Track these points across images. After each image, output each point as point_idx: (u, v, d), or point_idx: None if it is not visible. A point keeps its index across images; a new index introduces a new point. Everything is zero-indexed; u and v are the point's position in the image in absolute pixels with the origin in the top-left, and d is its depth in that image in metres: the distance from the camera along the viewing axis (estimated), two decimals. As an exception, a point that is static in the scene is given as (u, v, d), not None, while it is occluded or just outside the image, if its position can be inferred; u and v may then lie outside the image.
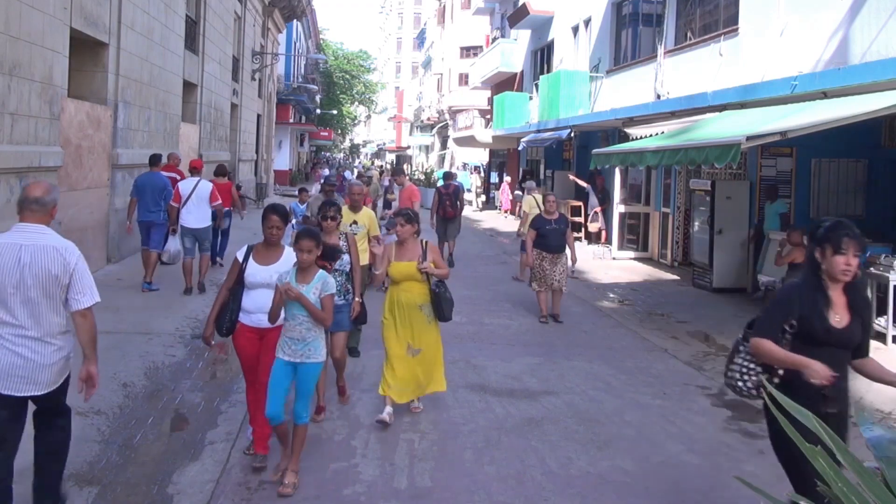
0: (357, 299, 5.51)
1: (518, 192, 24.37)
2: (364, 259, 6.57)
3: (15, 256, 3.43)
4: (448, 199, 12.62)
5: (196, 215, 9.24)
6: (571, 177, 17.69)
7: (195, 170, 10.18)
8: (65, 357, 3.59)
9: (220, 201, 9.87)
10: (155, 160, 9.79)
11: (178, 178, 10.11)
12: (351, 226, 6.62)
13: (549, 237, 8.83)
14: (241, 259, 4.56)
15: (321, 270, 4.33)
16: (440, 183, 15.36)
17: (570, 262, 9.25)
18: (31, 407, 3.60)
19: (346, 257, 5.46)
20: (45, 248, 3.47)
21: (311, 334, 4.27)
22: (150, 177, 9.48)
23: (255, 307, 4.49)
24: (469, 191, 28.88)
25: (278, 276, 4.30)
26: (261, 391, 4.45)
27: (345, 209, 6.58)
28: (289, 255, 4.50)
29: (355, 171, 36.54)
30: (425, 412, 5.65)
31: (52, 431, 3.70)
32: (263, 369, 4.44)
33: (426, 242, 5.51)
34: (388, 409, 5.31)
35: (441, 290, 5.38)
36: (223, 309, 4.55)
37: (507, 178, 26.36)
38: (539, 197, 14.87)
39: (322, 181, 10.75)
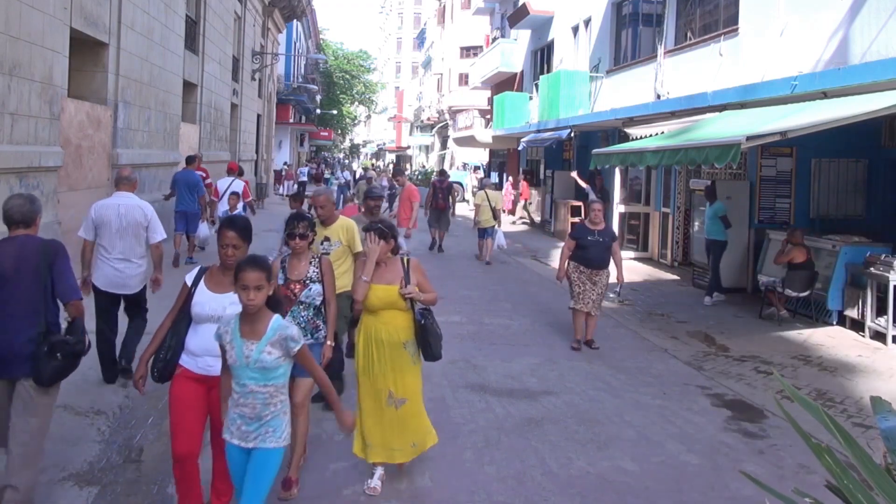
0: (329, 343, 4.35)
1: (518, 192, 24.41)
2: (345, 283, 5.20)
3: (115, 212, 5.83)
4: (441, 192, 14.21)
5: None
6: (573, 175, 17.68)
7: (231, 171, 12.68)
8: (143, 271, 5.97)
9: (251, 197, 12.19)
10: (191, 160, 11.86)
11: (204, 175, 12.02)
12: (322, 244, 5.37)
13: (590, 250, 7.64)
14: (189, 283, 3.61)
15: (276, 316, 3.18)
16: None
17: (617, 282, 8.02)
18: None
19: (315, 287, 4.34)
20: (133, 206, 5.93)
21: (271, 410, 3.13)
22: (186, 174, 11.33)
23: (203, 348, 3.50)
24: (464, 187, 29.00)
25: (218, 328, 3.22)
26: (218, 457, 3.60)
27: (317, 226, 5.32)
28: None
29: (358, 171, 36.27)
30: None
31: (136, 319, 6.09)
32: (218, 431, 3.45)
33: (408, 260, 4.40)
34: (378, 471, 4.31)
35: (428, 320, 4.29)
36: (162, 346, 3.60)
37: (508, 179, 26.39)
38: (492, 193, 14.87)
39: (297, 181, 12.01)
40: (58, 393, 3.86)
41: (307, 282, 4.33)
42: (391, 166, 42.85)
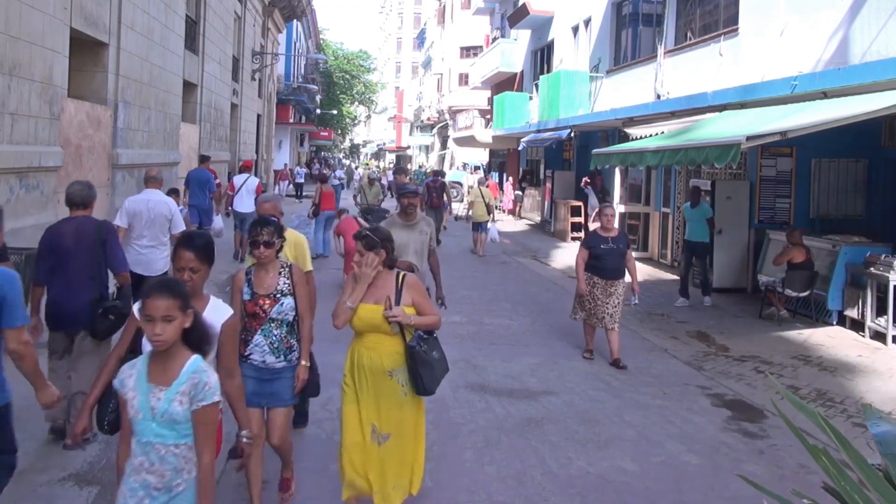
0: (304, 362, 3.86)
1: (518, 193, 24.43)
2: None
3: (145, 206, 6.61)
4: (434, 191, 14.76)
5: (245, 203, 11.96)
6: (586, 181, 17.43)
7: (247, 168, 13.69)
8: (166, 255, 6.49)
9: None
10: (203, 159, 13.01)
11: (215, 178, 12.78)
12: None
13: (604, 259, 7.08)
14: (138, 314, 2.75)
15: (195, 357, 2.58)
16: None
17: (632, 292, 7.33)
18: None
19: (287, 301, 3.80)
20: (160, 201, 6.76)
21: (184, 477, 2.52)
22: (198, 172, 12.12)
23: None
24: (461, 185, 29.06)
25: (121, 370, 2.63)
26: None
27: None
28: (215, 311, 3.10)
29: (359, 171, 35.64)
30: (425, 412, 5.64)
31: None
32: None
33: (403, 276, 3.76)
34: None
35: (421, 347, 3.65)
36: (108, 391, 2.96)
37: (508, 179, 26.41)
38: (486, 190, 15.77)
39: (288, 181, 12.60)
40: (109, 345, 4.63)
41: (277, 296, 3.79)
42: (392, 166, 42.91)
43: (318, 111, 48.48)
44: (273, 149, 32.75)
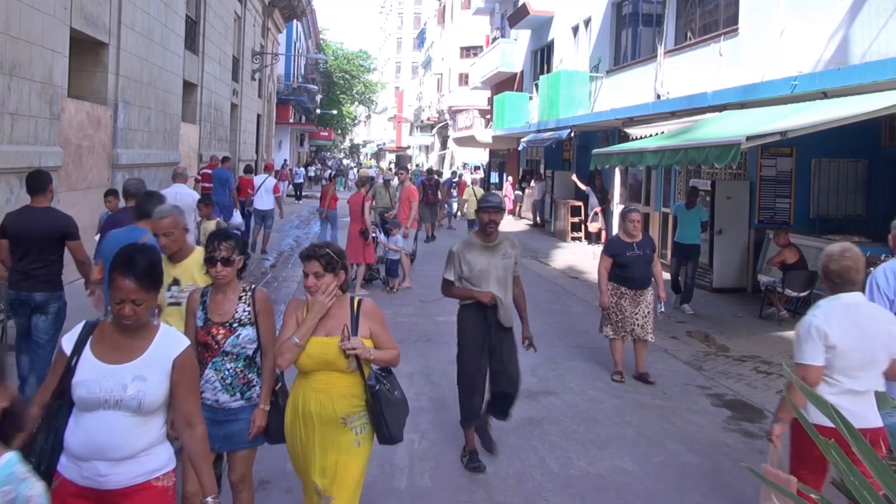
0: (262, 406, 3.28)
1: (518, 192, 24.44)
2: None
3: (174, 197, 7.00)
4: (430, 189, 15.77)
5: (263, 200, 13.33)
6: (573, 178, 17.68)
7: (267, 169, 15.85)
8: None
9: (280, 193, 14.32)
10: (225, 160, 14.09)
11: (231, 173, 13.69)
12: (169, 289, 3.71)
13: (631, 267, 6.52)
14: (67, 349, 2.48)
15: (8, 456, 1.83)
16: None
17: (658, 301, 6.84)
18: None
19: (246, 332, 3.27)
20: (185, 193, 8.24)
21: None
22: (219, 171, 13.17)
23: (91, 448, 2.40)
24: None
25: (135, 390, 2.42)
26: None
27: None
28: (164, 343, 2.54)
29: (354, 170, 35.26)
30: (425, 412, 5.65)
31: None
32: None
33: (359, 302, 3.24)
34: None
35: (383, 387, 3.15)
36: (32, 445, 2.41)
37: (508, 178, 26.45)
38: (479, 189, 16.39)
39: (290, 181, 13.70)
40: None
41: (234, 325, 3.25)
42: (392, 166, 42.97)
43: (318, 111, 48.48)
44: (273, 149, 32.74)
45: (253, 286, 3.42)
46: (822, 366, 3.27)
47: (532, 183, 22.94)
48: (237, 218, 12.75)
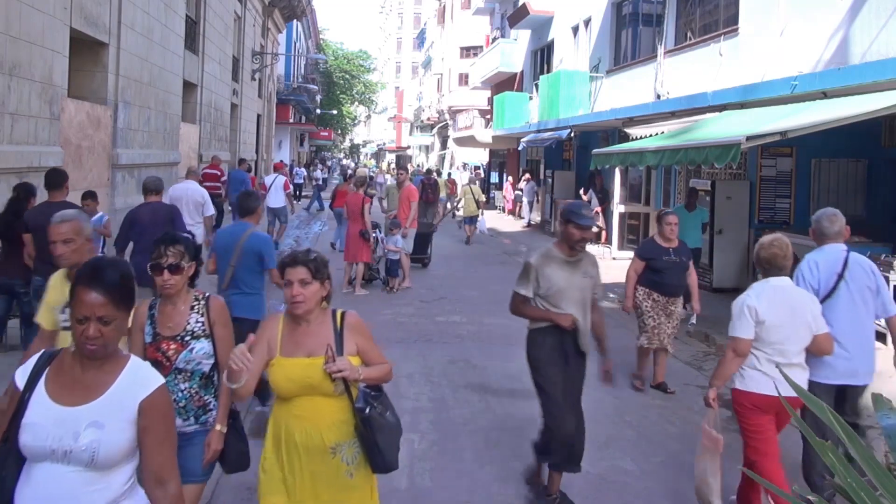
0: (218, 427, 3.00)
1: (518, 192, 24.44)
2: None
3: (184, 193, 8.72)
4: (429, 188, 16.07)
5: (275, 198, 13.89)
6: (583, 196, 17.34)
7: (278, 169, 16.61)
8: (202, 232, 8.42)
9: (290, 190, 15.00)
10: (241, 161, 16.04)
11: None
12: (64, 310, 3.16)
13: (666, 273, 6.23)
14: (20, 382, 2.08)
15: None
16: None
17: (692, 311, 6.70)
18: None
19: (200, 346, 2.99)
20: (195, 190, 8.94)
21: None
22: (237, 172, 14.66)
23: None
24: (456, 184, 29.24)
25: (88, 439, 1.97)
26: None
27: (57, 278, 3.40)
28: (130, 380, 2.10)
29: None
30: (425, 412, 5.65)
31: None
32: None
33: (342, 315, 2.89)
34: None
35: (374, 410, 2.79)
36: None
37: (508, 178, 26.48)
38: (476, 188, 17.34)
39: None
40: None
41: (186, 338, 2.96)
42: (392, 165, 43.05)
43: (318, 111, 48.46)
44: (273, 149, 32.74)
45: (207, 294, 3.09)
46: (751, 339, 3.68)
47: (520, 183, 23.02)
48: None
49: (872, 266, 4.27)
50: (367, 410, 2.75)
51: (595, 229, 17.41)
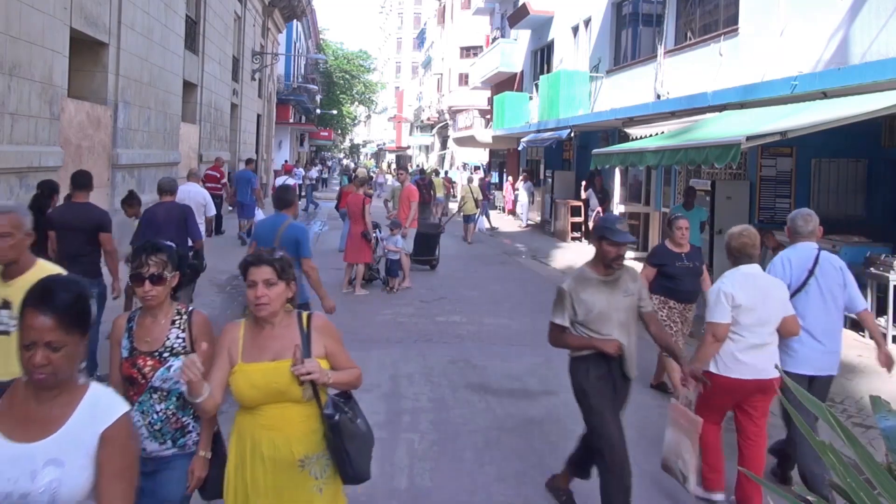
0: (202, 453, 2.77)
1: (516, 192, 24.45)
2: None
3: (187, 194, 8.76)
4: (424, 188, 16.16)
5: None
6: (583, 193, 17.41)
7: (287, 171, 18.75)
8: (203, 230, 8.56)
9: (316, 191, 15.82)
10: (249, 161, 16.30)
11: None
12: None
13: (680, 280, 6.05)
14: None
15: None
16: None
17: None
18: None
19: (178, 363, 2.66)
20: (196, 191, 9.33)
21: None
22: (243, 172, 15.01)
23: None
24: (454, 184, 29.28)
25: (47, 479, 1.77)
26: None
27: None
28: (91, 410, 1.90)
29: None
30: (425, 412, 5.65)
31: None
32: None
33: (309, 316, 2.74)
34: None
35: (343, 416, 2.62)
36: None
37: (508, 178, 26.50)
38: (475, 187, 17.84)
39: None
40: (192, 290, 6.47)
41: (165, 354, 2.72)
42: (392, 165, 43.16)
43: (318, 111, 48.46)
44: (273, 149, 32.74)
45: (190, 308, 2.86)
46: (729, 323, 3.97)
47: (517, 184, 23.04)
48: (259, 215, 14.09)
49: (842, 264, 4.58)
50: (337, 417, 2.58)
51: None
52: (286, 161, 34.94)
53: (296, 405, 2.60)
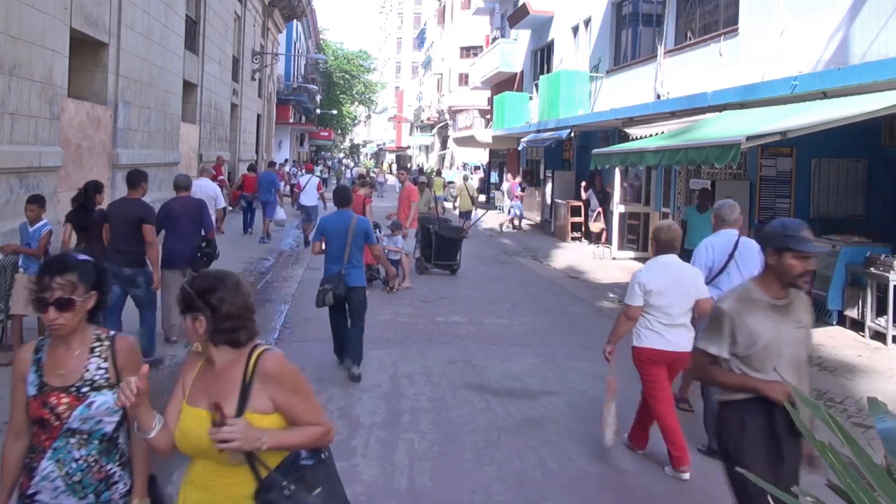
0: (136, 501, 2.35)
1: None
2: None
3: (198, 188, 9.56)
4: (418, 188, 16.94)
5: (308, 197, 15.06)
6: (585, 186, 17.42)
7: (309, 171, 19.93)
8: (214, 218, 9.24)
9: (324, 189, 15.78)
10: (272, 164, 18.41)
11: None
12: None
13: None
14: None
15: None
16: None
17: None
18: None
19: (102, 399, 2.27)
20: (207, 185, 10.80)
21: None
22: (267, 173, 16.01)
23: None
24: (454, 183, 29.30)
25: None
26: None
27: None
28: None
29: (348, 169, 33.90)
30: (425, 412, 5.65)
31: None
32: None
33: (259, 355, 2.13)
34: None
35: (285, 488, 2.06)
36: None
37: (508, 178, 26.49)
38: (470, 185, 18.45)
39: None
40: None
41: (84, 389, 2.27)
42: (392, 166, 43.21)
43: (318, 111, 48.47)
44: (273, 149, 32.74)
45: (112, 333, 2.39)
46: (640, 305, 4.56)
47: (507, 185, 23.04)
48: (280, 214, 15.24)
49: (758, 248, 4.84)
50: (268, 489, 2.04)
51: (597, 229, 17.11)
52: (285, 159, 35.05)
53: (223, 465, 2.08)
